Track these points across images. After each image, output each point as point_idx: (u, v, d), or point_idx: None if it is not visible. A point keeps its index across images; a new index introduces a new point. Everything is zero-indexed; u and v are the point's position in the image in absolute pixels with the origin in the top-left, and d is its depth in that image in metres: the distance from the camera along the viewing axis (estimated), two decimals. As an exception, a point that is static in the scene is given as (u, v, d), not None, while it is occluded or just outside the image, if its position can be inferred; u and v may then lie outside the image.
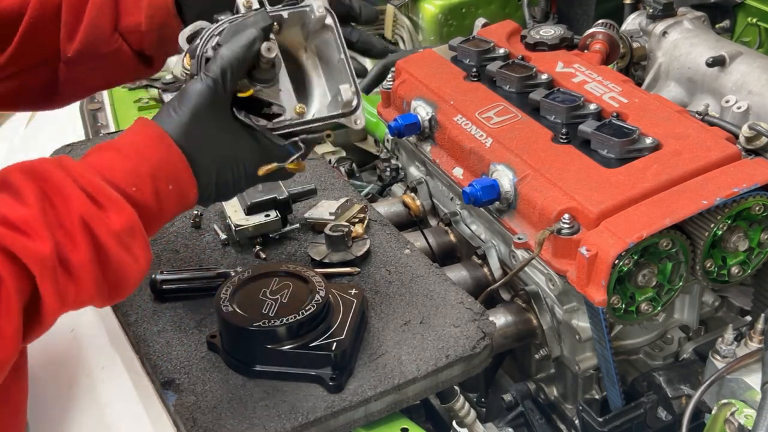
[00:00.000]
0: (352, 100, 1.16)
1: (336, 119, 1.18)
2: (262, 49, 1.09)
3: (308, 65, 1.20)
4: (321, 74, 1.21)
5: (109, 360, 1.37)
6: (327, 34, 1.19)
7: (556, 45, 1.73)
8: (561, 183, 1.38)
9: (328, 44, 1.20)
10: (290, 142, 1.14)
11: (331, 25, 1.18)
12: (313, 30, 1.19)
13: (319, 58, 1.20)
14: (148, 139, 1.07)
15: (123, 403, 1.30)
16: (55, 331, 1.46)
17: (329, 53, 1.20)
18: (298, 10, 1.17)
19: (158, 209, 1.07)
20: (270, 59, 1.11)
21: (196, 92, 1.08)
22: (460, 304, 1.36)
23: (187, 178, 1.08)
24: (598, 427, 1.43)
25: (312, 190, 1.58)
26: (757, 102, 1.67)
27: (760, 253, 1.39)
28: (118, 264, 1.01)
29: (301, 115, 1.15)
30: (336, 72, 1.19)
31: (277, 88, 1.14)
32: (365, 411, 1.22)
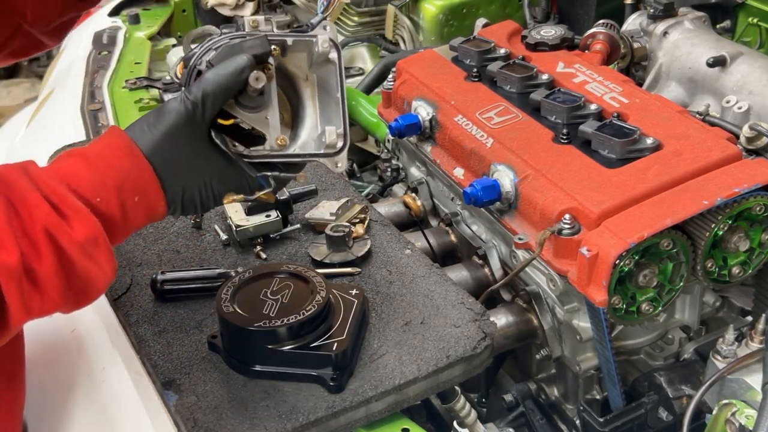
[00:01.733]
0: (335, 143, 1.15)
1: (316, 158, 1.16)
2: (250, 79, 1.08)
3: (306, 93, 1.18)
4: (317, 106, 1.19)
5: (110, 360, 1.37)
6: (329, 67, 1.18)
7: (556, 45, 1.73)
8: (562, 183, 1.38)
9: (329, 78, 1.18)
10: (261, 176, 1.13)
11: (334, 60, 1.17)
12: (316, 61, 1.18)
13: (318, 88, 1.19)
14: (117, 150, 1.07)
15: (124, 404, 1.30)
16: (55, 332, 1.46)
17: (329, 87, 1.19)
18: (303, 39, 1.15)
19: (123, 220, 1.07)
20: (257, 89, 1.09)
21: (174, 112, 1.08)
22: (460, 304, 1.36)
23: (154, 192, 1.08)
24: (598, 427, 1.43)
25: (313, 191, 1.58)
26: (757, 102, 1.67)
27: (760, 254, 1.39)
28: (83, 273, 1.02)
29: (282, 146, 1.13)
30: (330, 108, 1.18)
31: (263, 115, 1.12)
32: (366, 411, 1.22)
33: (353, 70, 2.75)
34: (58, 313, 1.49)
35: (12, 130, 2.47)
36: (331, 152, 1.16)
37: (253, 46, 1.10)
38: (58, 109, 2.23)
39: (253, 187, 1.15)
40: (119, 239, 1.09)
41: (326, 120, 1.18)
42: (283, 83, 1.17)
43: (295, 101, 1.18)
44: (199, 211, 1.16)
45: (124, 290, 1.42)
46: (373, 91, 2.40)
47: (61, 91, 2.34)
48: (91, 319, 1.45)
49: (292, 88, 1.18)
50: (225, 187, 1.14)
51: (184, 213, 1.14)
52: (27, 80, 5.17)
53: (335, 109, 1.18)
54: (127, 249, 1.50)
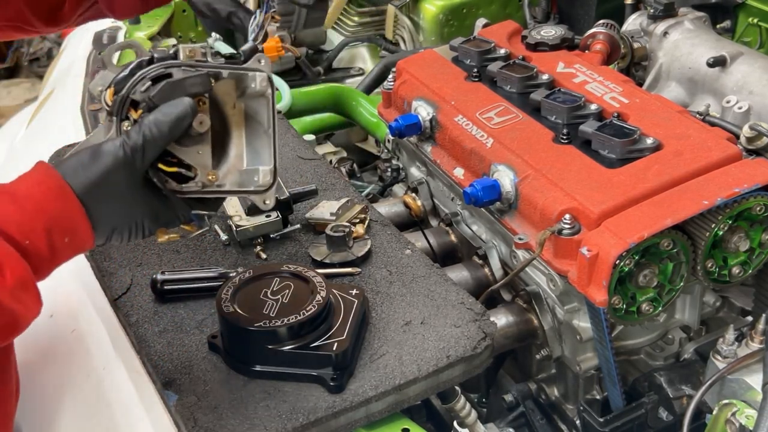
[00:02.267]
0: (268, 182, 1.14)
1: (245, 194, 1.15)
2: (194, 123, 1.07)
3: (233, 121, 1.14)
4: (243, 135, 1.15)
5: (110, 360, 1.37)
6: (261, 100, 1.15)
7: (556, 45, 1.73)
8: (562, 183, 1.38)
9: (258, 110, 1.15)
10: (195, 214, 1.14)
11: (268, 96, 1.14)
12: (248, 94, 1.14)
13: (245, 117, 1.15)
14: (48, 191, 1.05)
15: (124, 404, 1.30)
16: (56, 332, 1.47)
17: (258, 118, 1.15)
18: (240, 74, 1.13)
19: (50, 258, 1.06)
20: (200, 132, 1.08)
21: (111, 156, 1.05)
22: (461, 304, 1.36)
23: (84, 231, 1.07)
24: (599, 427, 1.43)
25: (313, 191, 1.58)
26: (757, 102, 1.67)
27: (761, 254, 1.39)
28: (10, 315, 1.02)
29: (212, 182, 1.12)
30: (258, 141, 1.15)
31: (196, 149, 1.11)
32: (366, 411, 1.22)
33: (353, 70, 2.76)
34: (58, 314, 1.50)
35: (12, 130, 2.47)
36: (261, 189, 1.15)
37: (194, 84, 1.08)
38: (58, 109, 2.23)
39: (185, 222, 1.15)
40: (45, 275, 1.09)
41: (253, 152, 1.15)
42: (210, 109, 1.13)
43: (220, 128, 1.14)
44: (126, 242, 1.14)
45: (124, 290, 1.42)
46: (373, 91, 2.40)
47: (61, 91, 2.34)
48: (91, 319, 1.45)
49: (217, 114, 1.13)
50: (156, 225, 1.13)
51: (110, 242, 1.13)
52: (27, 80, 5.17)
53: (266, 143, 1.15)
54: (128, 249, 1.50)
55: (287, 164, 1.71)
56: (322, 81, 2.62)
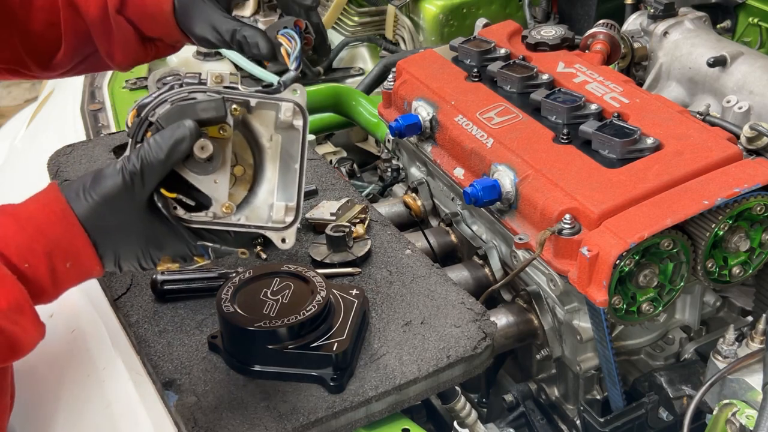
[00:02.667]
0: (283, 218, 1.08)
1: (261, 230, 1.09)
2: (194, 148, 1.02)
3: (267, 153, 1.10)
4: (277, 169, 1.10)
5: (110, 360, 1.37)
6: (294, 133, 1.10)
7: (557, 45, 1.73)
8: (562, 183, 1.38)
9: (292, 144, 1.10)
10: (201, 244, 1.08)
11: (299, 128, 1.10)
12: (280, 127, 1.10)
13: (281, 151, 1.10)
14: (51, 213, 1.03)
15: (124, 404, 1.30)
16: (56, 332, 1.46)
17: (291, 154, 1.10)
18: (268, 102, 1.09)
19: (53, 285, 1.04)
20: (203, 158, 1.03)
21: (111, 181, 1.03)
22: (461, 304, 1.36)
23: (88, 257, 1.04)
24: (599, 427, 1.43)
25: (313, 191, 1.58)
26: (758, 102, 1.67)
27: (761, 254, 1.39)
28: (8, 336, 1.01)
29: (227, 213, 1.07)
30: (288, 177, 1.10)
31: (212, 178, 1.06)
32: (366, 411, 1.22)
33: (353, 70, 2.76)
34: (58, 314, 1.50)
35: (12, 130, 2.47)
36: (279, 227, 1.09)
37: (206, 108, 1.04)
38: (58, 109, 2.23)
39: (194, 254, 1.10)
40: (49, 300, 1.07)
41: (282, 188, 1.10)
42: (248, 135, 1.09)
43: (258, 158, 1.10)
44: (138, 270, 1.11)
45: (124, 290, 1.42)
46: (373, 91, 2.40)
47: (61, 91, 2.34)
48: (91, 320, 1.45)
49: (256, 142, 1.10)
50: (162, 253, 1.08)
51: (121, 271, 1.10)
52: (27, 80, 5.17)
53: (292, 179, 1.10)
54: (128, 249, 1.50)
55: (287, 164, 1.70)
56: (322, 81, 2.62)
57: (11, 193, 1.53)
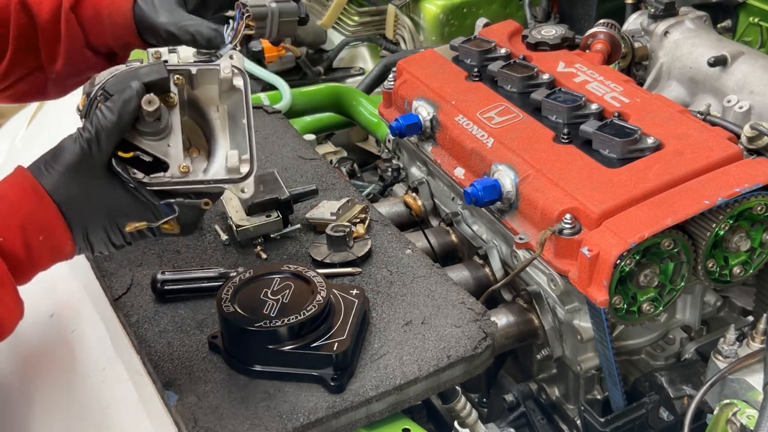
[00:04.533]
0: (238, 167, 1.12)
1: (220, 184, 1.12)
2: (142, 103, 1.06)
3: (216, 124, 1.15)
4: (227, 135, 1.15)
5: (111, 361, 1.37)
6: (236, 95, 1.15)
7: (557, 45, 1.73)
8: (562, 183, 1.38)
9: (238, 105, 1.15)
10: (165, 203, 1.10)
11: (240, 87, 1.15)
12: (224, 90, 1.15)
13: (229, 119, 1.16)
14: (22, 190, 1.07)
15: (124, 404, 1.30)
16: (56, 332, 1.47)
17: (238, 114, 1.15)
18: (209, 69, 1.13)
19: (28, 259, 1.07)
20: (152, 112, 1.07)
21: (69, 151, 1.07)
22: (461, 304, 1.36)
23: (60, 230, 1.07)
24: (599, 427, 1.43)
25: (313, 191, 1.58)
26: (758, 102, 1.67)
27: (762, 253, 1.39)
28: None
29: (185, 174, 1.10)
30: (239, 135, 1.15)
31: (165, 143, 1.10)
32: (367, 411, 1.22)
33: (354, 69, 2.76)
34: (58, 314, 1.50)
35: (12, 130, 2.47)
36: (235, 177, 1.12)
37: (149, 72, 1.09)
38: (58, 109, 2.23)
39: (157, 215, 1.12)
40: (26, 277, 1.09)
41: (236, 146, 1.14)
42: (196, 116, 1.15)
43: (209, 133, 1.15)
44: (109, 247, 1.13)
45: (124, 290, 1.42)
46: (373, 91, 2.40)
47: (61, 91, 2.33)
48: (91, 320, 1.45)
49: (204, 120, 1.15)
50: (127, 218, 1.11)
51: (93, 250, 1.13)
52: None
53: (243, 135, 1.14)
54: (128, 249, 1.49)
55: (288, 164, 1.71)
56: (322, 81, 2.62)
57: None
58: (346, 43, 2.74)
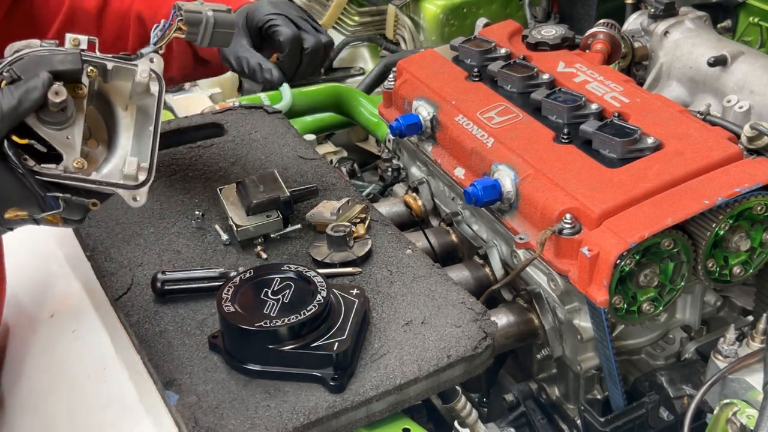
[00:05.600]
0: (135, 174, 1.10)
1: (112, 187, 1.10)
2: (49, 94, 1.03)
3: (122, 123, 1.13)
4: (131, 137, 1.14)
5: (111, 360, 1.37)
6: (149, 100, 1.14)
7: (557, 45, 1.73)
8: (563, 183, 1.38)
9: (148, 109, 1.14)
10: (51, 196, 1.07)
11: (155, 93, 1.14)
12: (137, 91, 1.13)
13: (137, 121, 1.14)
14: None
15: (124, 404, 1.30)
16: (56, 332, 1.47)
17: (147, 119, 1.14)
18: (124, 66, 1.12)
19: None
20: (57, 104, 1.04)
21: None
22: (461, 304, 1.36)
23: None
24: (600, 427, 1.43)
25: (313, 191, 1.58)
26: (758, 102, 1.67)
27: (762, 253, 1.39)
28: None
29: (79, 169, 1.08)
30: (143, 141, 1.13)
31: (65, 134, 1.08)
32: (367, 411, 1.22)
33: (354, 69, 2.76)
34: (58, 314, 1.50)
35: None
36: (130, 184, 1.10)
37: (62, 61, 1.06)
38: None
39: (42, 207, 1.09)
40: None
41: (137, 153, 1.13)
42: (103, 109, 1.13)
43: (112, 130, 1.14)
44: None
45: (124, 290, 1.42)
46: (373, 91, 2.41)
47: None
48: (91, 319, 1.45)
49: (110, 115, 1.14)
50: (9, 204, 1.08)
51: None
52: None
53: (147, 142, 1.12)
54: (128, 249, 1.50)
55: (288, 164, 1.71)
56: (322, 81, 2.62)
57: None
58: (347, 43, 2.74)
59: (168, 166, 1.70)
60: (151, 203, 1.60)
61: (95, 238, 1.53)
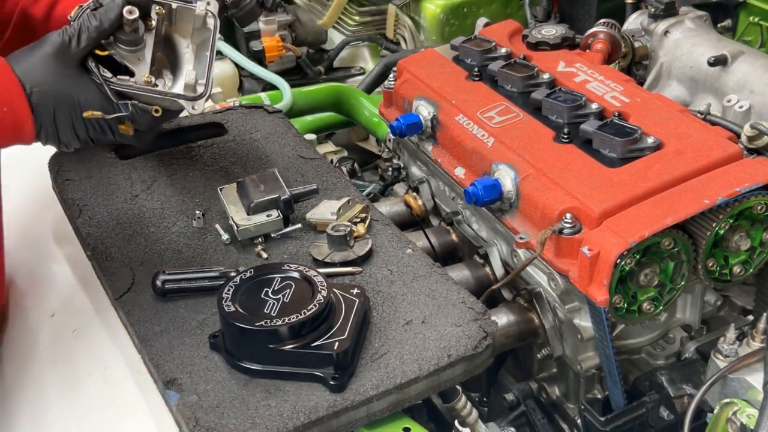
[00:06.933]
0: (193, 84, 1.29)
1: (175, 98, 1.28)
2: (123, 11, 1.23)
3: (185, 57, 1.33)
4: (192, 67, 1.32)
5: (112, 360, 1.37)
6: (207, 33, 1.32)
7: (557, 44, 1.73)
8: (563, 182, 1.38)
9: (205, 42, 1.32)
10: (122, 102, 1.25)
11: (211, 28, 1.32)
12: (196, 27, 1.32)
13: (196, 53, 1.33)
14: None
15: (125, 403, 1.30)
16: (57, 331, 1.47)
17: (204, 49, 1.32)
18: (185, 7, 1.31)
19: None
20: (130, 21, 1.24)
21: (50, 41, 1.23)
22: (461, 303, 1.36)
23: (21, 106, 1.21)
24: (600, 426, 1.43)
25: (314, 190, 1.58)
26: (758, 101, 1.67)
27: (762, 253, 1.39)
28: None
29: (147, 83, 1.27)
30: (202, 64, 1.32)
31: (137, 56, 1.28)
32: (367, 411, 1.22)
33: (354, 69, 2.76)
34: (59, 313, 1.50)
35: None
36: (189, 95, 1.29)
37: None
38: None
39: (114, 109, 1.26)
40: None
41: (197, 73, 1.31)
42: (170, 53, 1.32)
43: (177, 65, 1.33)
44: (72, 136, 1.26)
45: (125, 289, 1.42)
46: (374, 91, 2.40)
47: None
48: (92, 319, 1.45)
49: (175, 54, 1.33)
50: (87, 107, 1.25)
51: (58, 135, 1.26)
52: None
53: (204, 65, 1.31)
54: (129, 248, 1.50)
55: (288, 163, 1.71)
56: (323, 80, 2.62)
57: (11, 193, 1.53)
58: (347, 42, 2.74)
59: (168, 166, 1.70)
60: (152, 202, 1.60)
61: (95, 237, 1.53)
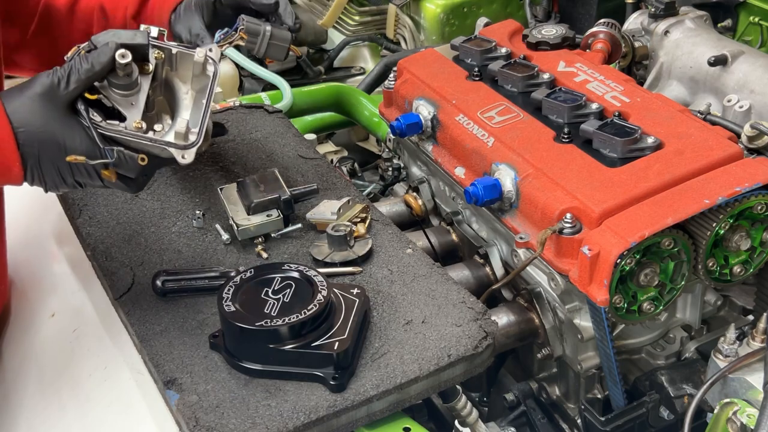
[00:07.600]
0: (184, 133, 1.22)
1: (164, 145, 1.22)
2: (116, 55, 1.18)
3: (183, 104, 1.27)
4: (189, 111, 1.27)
5: (112, 360, 1.37)
6: (206, 80, 1.28)
7: (558, 44, 1.73)
8: (563, 182, 1.38)
9: (204, 89, 1.27)
10: (108, 148, 1.20)
11: (210, 75, 1.28)
12: (195, 74, 1.27)
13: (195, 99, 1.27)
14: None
15: (125, 403, 1.31)
16: (57, 331, 1.47)
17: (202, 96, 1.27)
18: (185, 51, 1.27)
19: None
20: (122, 65, 1.18)
21: (39, 82, 1.20)
22: (462, 303, 1.36)
23: (9, 148, 1.18)
24: (600, 426, 1.43)
25: (314, 190, 1.58)
26: (759, 101, 1.67)
27: (762, 253, 1.39)
28: None
29: (138, 129, 1.21)
30: (198, 112, 1.26)
31: (130, 100, 1.22)
32: (367, 410, 1.22)
33: (354, 69, 2.76)
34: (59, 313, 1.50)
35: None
36: (180, 143, 1.23)
37: (131, 36, 1.21)
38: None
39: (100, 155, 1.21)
40: None
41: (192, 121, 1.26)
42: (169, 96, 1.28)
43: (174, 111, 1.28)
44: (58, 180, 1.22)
45: (125, 289, 1.42)
46: (374, 91, 2.40)
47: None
48: (92, 319, 1.45)
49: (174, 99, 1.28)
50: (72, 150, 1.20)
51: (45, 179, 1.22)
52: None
53: (199, 112, 1.26)
54: (129, 248, 1.50)
55: (288, 163, 1.71)
56: (323, 80, 2.62)
57: (12, 193, 1.53)
58: (347, 42, 2.74)
59: (168, 166, 1.70)
60: (152, 202, 1.60)
61: (96, 237, 1.53)
